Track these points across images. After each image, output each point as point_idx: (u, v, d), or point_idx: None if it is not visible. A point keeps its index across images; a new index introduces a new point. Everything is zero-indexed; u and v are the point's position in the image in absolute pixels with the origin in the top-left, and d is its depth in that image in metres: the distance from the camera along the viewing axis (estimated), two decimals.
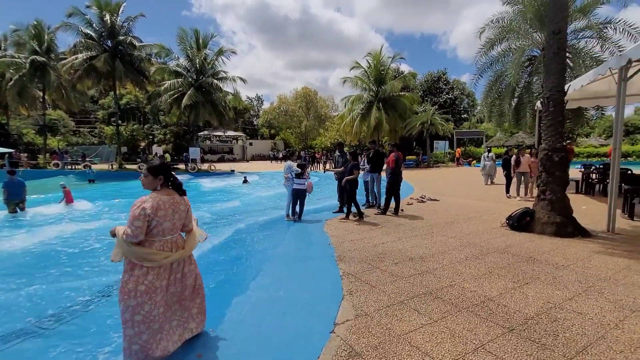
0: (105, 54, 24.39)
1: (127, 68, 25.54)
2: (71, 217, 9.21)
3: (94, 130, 41.38)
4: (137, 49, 26.04)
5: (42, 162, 25.73)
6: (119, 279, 2.46)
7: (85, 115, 43.11)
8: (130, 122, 36.92)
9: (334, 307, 3.24)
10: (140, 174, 2.60)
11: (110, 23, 24.89)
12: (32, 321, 3.38)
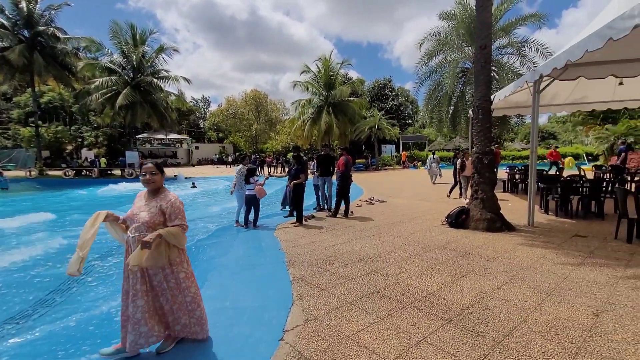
0: (20, 45, 21.52)
1: (48, 62, 22.81)
2: None
3: (7, 132, 36.18)
4: (62, 42, 23.40)
5: None
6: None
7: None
8: (54, 123, 32.95)
9: (283, 313, 3.21)
10: (146, 174, 2.53)
11: (27, 10, 22.05)
12: None
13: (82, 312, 3.65)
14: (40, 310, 3.78)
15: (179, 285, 2.59)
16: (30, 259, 5.80)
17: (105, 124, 31.83)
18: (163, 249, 2.41)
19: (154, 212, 2.48)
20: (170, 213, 2.49)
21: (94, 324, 3.35)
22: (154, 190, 2.59)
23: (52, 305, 3.92)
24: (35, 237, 7.31)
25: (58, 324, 3.34)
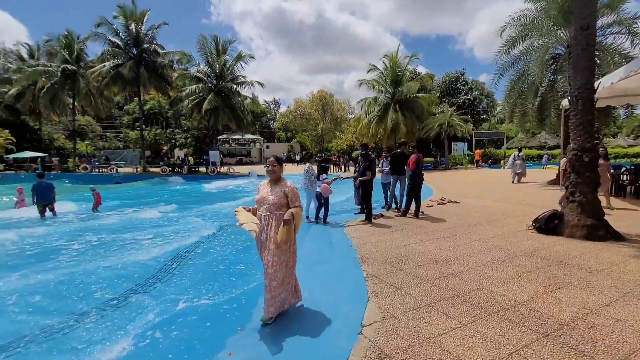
0: (130, 61, 25.31)
1: (150, 75, 26.40)
2: (96, 218, 9.55)
3: (120, 135, 42.92)
4: (161, 56, 26.89)
5: (71, 166, 26.90)
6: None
7: (111, 121, 44.80)
8: (154, 127, 38.08)
9: (359, 308, 3.22)
10: (269, 166, 3.18)
11: (135, 32, 25.83)
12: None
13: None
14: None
15: (287, 259, 3.10)
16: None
17: (193, 126, 35.69)
18: (290, 228, 2.97)
19: (280, 195, 3.06)
20: (292, 197, 3.07)
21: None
22: (276, 179, 3.18)
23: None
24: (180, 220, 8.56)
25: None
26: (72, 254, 5.95)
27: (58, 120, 33.41)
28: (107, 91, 27.49)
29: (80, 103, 28.68)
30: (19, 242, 6.83)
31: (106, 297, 4.04)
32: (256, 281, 4.33)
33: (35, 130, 32.15)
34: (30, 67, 26.25)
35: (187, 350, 2.77)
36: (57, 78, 25.52)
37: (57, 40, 27.02)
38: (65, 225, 8.55)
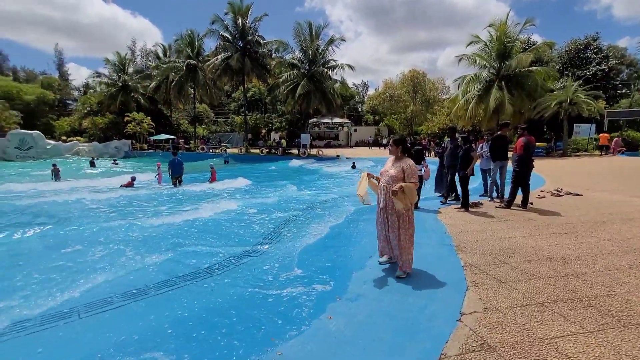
0: (237, 53, 28.10)
1: (253, 64, 28.89)
2: (220, 193, 11.15)
3: (227, 120, 48.58)
4: (262, 46, 29.09)
5: (193, 147, 31.80)
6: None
7: (222, 108, 50.93)
8: (255, 112, 41.92)
9: (457, 296, 3.09)
10: (391, 146, 3.69)
11: (241, 25, 28.43)
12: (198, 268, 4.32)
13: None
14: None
15: (405, 226, 3.53)
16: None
17: (287, 111, 38.04)
18: (405, 197, 3.37)
19: (398, 170, 3.53)
20: (408, 173, 3.48)
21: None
22: (396, 157, 3.66)
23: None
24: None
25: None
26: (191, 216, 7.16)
27: (183, 108, 39.61)
28: (219, 81, 31.21)
29: (199, 93, 33.35)
30: (157, 199, 8.53)
31: (222, 255, 4.78)
32: (350, 255, 4.53)
33: (167, 117, 38.86)
34: (164, 64, 31.53)
35: (294, 307, 3.13)
36: (182, 72, 30.10)
37: (182, 39, 31.64)
38: (192, 192, 10.27)
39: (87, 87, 45.00)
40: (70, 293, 3.67)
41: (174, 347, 2.60)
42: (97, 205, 8.90)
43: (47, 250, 5.30)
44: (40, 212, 8.01)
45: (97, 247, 5.25)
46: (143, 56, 48.59)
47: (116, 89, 34.08)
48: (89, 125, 33.97)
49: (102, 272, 4.23)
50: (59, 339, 2.80)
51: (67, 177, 15.58)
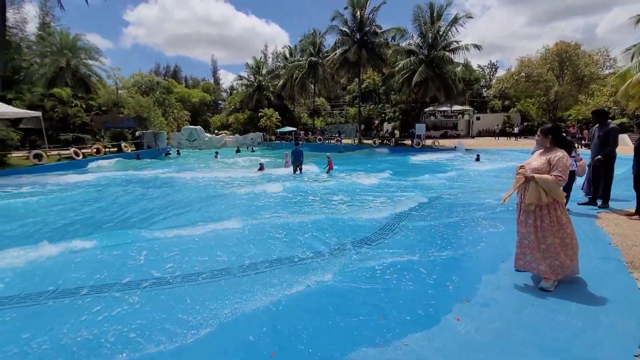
0: (354, 45, 28.52)
1: (369, 55, 28.84)
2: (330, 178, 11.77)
3: (342, 112, 50.29)
4: (378, 36, 28.69)
5: (310, 138, 34.34)
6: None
7: (337, 100, 53.03)
8: (368, 103, 42.04)
9: (632, 325, 2.44)
10: (538, 136, 3.41)
11: (359, 17, 28.62)
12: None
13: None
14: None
15: (552, 228, 3.02)
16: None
17: (401, 100, 36.71)
18: (536, 189, 2.96)
19: (543, 162, 3.09)
20: (555, 164, 2.99)
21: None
22: (545, 148, 3.22)
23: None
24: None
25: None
26: (312, 205, 7.73)
27: (304, 102, 43.00)
28: (337, 75, 32.43)
29: (318, 87, 35.54)
30: (284, 191, 9.58)
31: (332, 242, 5.03)
32: (478, 256, 4.13)
33: (291, 111, 42.96)
34: (290, 64, 34.76)
35: (416, 301, 3.06)
36: (305, 69, 32.56)
37: (306, 39, 34.09)
38: (309, 181, 11.12)
39: (232, 89, 53.88)
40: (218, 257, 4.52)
41: (306, 320, 2.91)
42: (243, 183, 10.61)
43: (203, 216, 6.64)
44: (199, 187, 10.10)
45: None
46: (273, 58, 54.67)
47: (252, 89, 39.60)
48: (233, 121, 40.74)
49: (253, 243, 5.04)
50: (214, 290, 3.52)
51: (223, 160, 19.44)
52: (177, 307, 3.12)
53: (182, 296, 3.34)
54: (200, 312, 3.01)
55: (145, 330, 2.75)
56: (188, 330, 2.74)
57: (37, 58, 27.86)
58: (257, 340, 2.57)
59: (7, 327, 2.88)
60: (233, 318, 2.91)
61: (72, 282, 3.74)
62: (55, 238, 5.33)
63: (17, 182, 11.75)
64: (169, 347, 2.53)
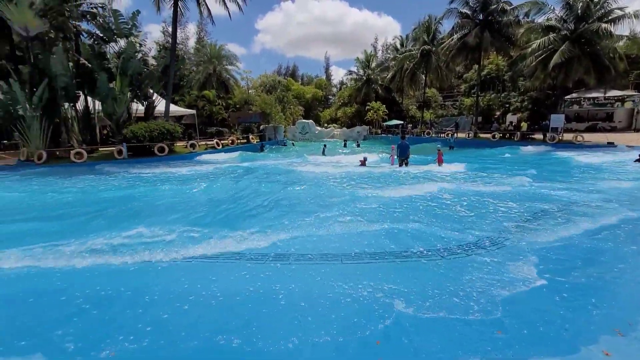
0: (476, 28, 25.44)
1: (494, 37, 25.29)
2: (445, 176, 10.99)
3: (455, 103, 45.87)
4: (507, 14, 24.79)
5: (418, 132, 32.61)
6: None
7: (450, 90, 48.55)
8: (488, 92, 37.07)
9: None
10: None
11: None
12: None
13: None
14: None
15: None
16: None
17: (533, 87, 30.97)
18: None
19: None
20: None
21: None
22: None
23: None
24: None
25: None
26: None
27: (413, 94, 41.01)
28: (452, 63, 29.63)
29: (430, 77, 33.29)
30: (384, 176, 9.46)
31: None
32: (627, 276, 3.29)
33: (399, 103, 41.65)
34: (401, 55, 33.56)
35: (543, 320, 2.69)
36: (416, 59, 30.91)
37: (420, 27, 32.20)
38: (416, 173, 10.65)
39: (342, 84, 55.60)
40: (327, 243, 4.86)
41: (415, 322, 2.92)
42: (341, 177, 11.02)
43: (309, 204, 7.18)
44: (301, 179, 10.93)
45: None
46: (383, 50, 53.75)
47: (361, 83, 40.01)
48: (341, 115, 42.22)
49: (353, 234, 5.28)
50: (325, 272, 3.83)
51: (330, 153, 20.55)
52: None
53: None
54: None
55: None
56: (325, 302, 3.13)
57: (194, 67, 34.87)
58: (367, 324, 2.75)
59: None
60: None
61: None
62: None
63: (180, 164, 15.26)
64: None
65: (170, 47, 22.03)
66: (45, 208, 7.51)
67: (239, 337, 2.56)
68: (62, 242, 4.76)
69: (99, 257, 4.24)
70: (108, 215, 6.71)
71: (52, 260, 4.15)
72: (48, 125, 17.12)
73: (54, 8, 17.47)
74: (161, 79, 21.55)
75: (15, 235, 5.33)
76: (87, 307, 3.11)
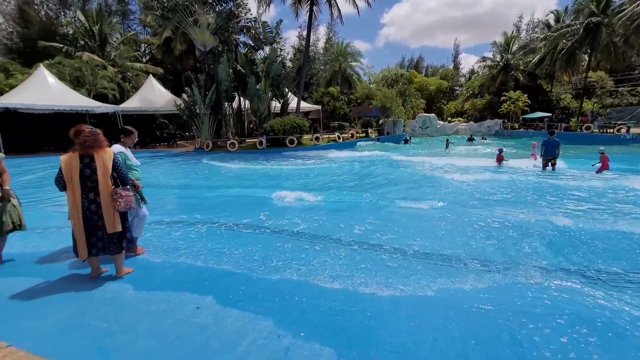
0: None
1: None
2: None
3: (635, 89, 35.09)
4: None
5: (573, 125, 26.58)
6: None
7: (628, 73, 37.33)
8: None
9: None
10: None
11: None
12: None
13: None
14: None
15: None
16: None
17: None
18: None
19: None
20: None
21: None
22: None
23: None
24: None
25: None
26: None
27: (568, 80, 33.54)
28: (636, 36, 22.76)
29: (596, 58, 26.53)
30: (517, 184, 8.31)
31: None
32: None
33: (546, 92, 34.79)
34: (555, 32, 27.85)
35: None
36: (577, 36, 25.10)
37: None
38: (563, 179, 8.97)
39: (472, 72, 50.14)
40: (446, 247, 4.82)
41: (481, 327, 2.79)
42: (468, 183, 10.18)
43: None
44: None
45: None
46: (528, 30, 45.57)
47: (497, 70, 35.16)
48: (469, 107, 38.29)
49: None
50: (442, 273, 3.91)
51: (453, 148, 19.32)
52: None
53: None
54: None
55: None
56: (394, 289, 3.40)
57: (322, 66, 37.95)
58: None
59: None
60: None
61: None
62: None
63: (307, 155, 17.22)
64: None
65: (304, 49, 24.73)
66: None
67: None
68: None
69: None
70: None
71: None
72: (214, 121, 22.03)
73: (223, 26, 22.16)
74: (295, 78, 24.51)
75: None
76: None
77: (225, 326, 2.71)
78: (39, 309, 3.02)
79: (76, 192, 3.29)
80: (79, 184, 3.29)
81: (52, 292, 3.33)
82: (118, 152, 3.83)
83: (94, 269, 3.63)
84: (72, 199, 3.30)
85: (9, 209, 3.92)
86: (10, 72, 21.81)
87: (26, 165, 14.93)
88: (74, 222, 3.34)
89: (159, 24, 25.26)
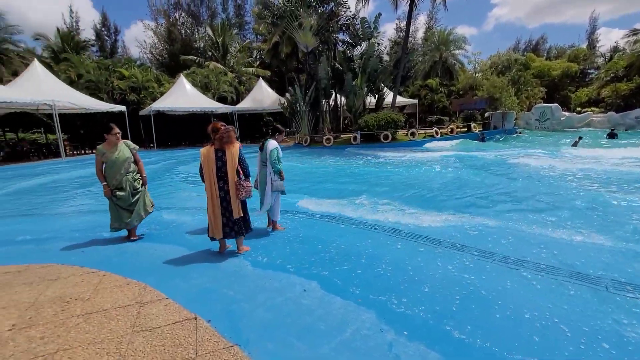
0: None
1: None
2: None
3: None
4: None
5: None
6: None
7: None
8: None
9: None
10: None
11: None
12: None
13: None
14: None
15: None
16: None
17: None
18: None
19: None
20: None
21: None
22: None
23: None
24: None
25: None
26: None
27: None
28: None
29: None
30: None
31: None
32: None
33: None
34: None
35: None
36: None
37: None
38: None
39: (614, 51, 39.71)
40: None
41: None
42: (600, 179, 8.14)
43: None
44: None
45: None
46: None
47: None
48: (608, 94, 30.51)
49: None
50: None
51: (585, 146, 15.75)
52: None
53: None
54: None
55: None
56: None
57: (420, 57, 35.80)
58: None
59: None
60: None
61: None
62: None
63: (402, 152, 16.60)
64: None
65: (403, 41, 23.72)
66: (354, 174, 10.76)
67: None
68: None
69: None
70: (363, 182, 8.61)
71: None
72: (312, 117, 23.25)
73: (324, 27, 23.02)
74: (392, 72, 23.78)
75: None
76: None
77: (330, 311, 2.87)
78: (185, 273, 3.76)
79: (212, 181, 3.95)
80: (215, 174, 3.94)
81: (193, 261, 4.09)
82: (274, 147, 4.57)
83: (222, 245, 4.30)
84: (208, 187, 3.98)
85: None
86: (161, 81, 27.43)
87: (174, 157, 18.60)
88: (210, 207, 4.02)
89: (269, 30, 27.85)
